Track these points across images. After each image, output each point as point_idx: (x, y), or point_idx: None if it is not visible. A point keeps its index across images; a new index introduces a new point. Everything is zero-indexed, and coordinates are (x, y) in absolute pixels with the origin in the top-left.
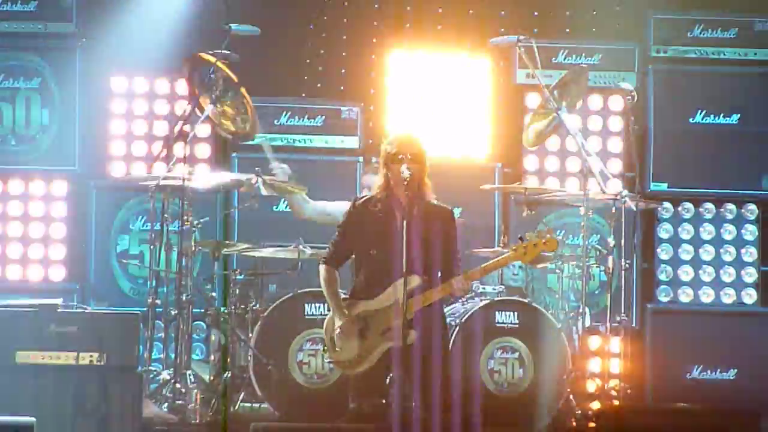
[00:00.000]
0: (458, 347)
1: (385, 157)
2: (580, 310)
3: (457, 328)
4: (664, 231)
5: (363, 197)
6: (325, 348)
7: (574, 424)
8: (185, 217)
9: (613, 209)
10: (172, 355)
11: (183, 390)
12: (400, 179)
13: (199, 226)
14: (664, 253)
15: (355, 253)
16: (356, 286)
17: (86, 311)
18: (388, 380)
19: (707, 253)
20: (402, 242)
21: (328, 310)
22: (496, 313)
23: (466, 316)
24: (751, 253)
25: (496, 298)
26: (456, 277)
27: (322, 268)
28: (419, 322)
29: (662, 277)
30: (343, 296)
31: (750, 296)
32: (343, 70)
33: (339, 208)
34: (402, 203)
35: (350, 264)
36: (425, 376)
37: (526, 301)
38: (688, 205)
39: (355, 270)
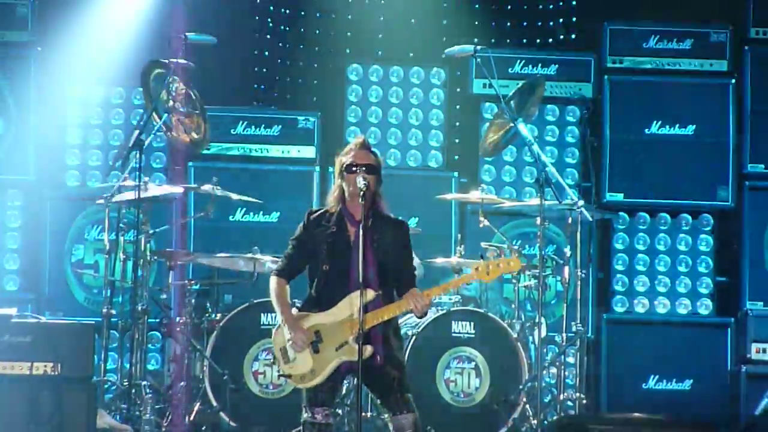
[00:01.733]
0: (414, 357)
1: (341, 169)
2: (536, 320)
3: (414, 337)
4: (620, 241)
5: (317, 210)
6: (275, 361)
7: None
8: (141, 227)
9: (569, 219)
10: (127, 365)
11: (138, 400)
12: (356, 190)
13: (155, 235)
14: (619, 263)
15: (308, 265)
16: (309, 298)
17: (41, 321)
18: (343, 389)
19: (663, 263)
20: (356, 255)
21: None
22: (453, 322)
23: (423, 326)
24: (706, 264)
25: (453, 308)
26: (414, 295)
27: (273, 279)
28: (375, 337)
29: (618, 287)
30: (295, 308)
31: (705, 307)
32: (300, 80)
33: None
34: (356, 216)
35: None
36: (381, 379)
37: (482, 311)
38: (644, 216)
39: (309, 283)
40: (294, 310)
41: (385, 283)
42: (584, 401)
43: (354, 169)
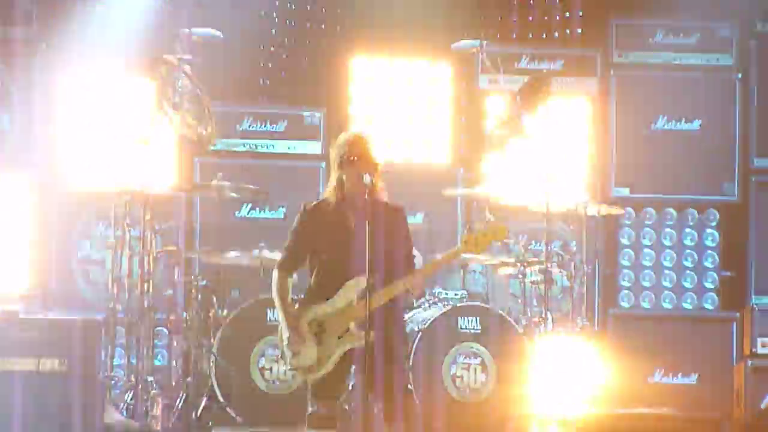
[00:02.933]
0: (421, 353)
1: (340, 162)
2: (543, 316)
3: (420, 333)
4: (626, 236)
5: (313, 202)
6: (283, 354)
7: (536, 429)
8: (147, 222)
9: (576, 215)
10: (134, 361)
11: (145, 396)
12: (359, 186)
13: (161, 231)
14: (625, 258)
15: (309, 257)
16: (309, 289)
17: (47, 317)
18: (347, 383)
19: (669, 258)
20: (355, 244)
21: None
22: (459, 318)
23: (429, 322)
24: (712, 259)
25: (459, 304)
26: (407, 275)
27: (275, 273)
28: (374, 322)
29: (624, 282)
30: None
31: (711, 301)
32: (305, 75)
33: None
34: (356, 205)
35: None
36: (382, 377)
37: (488, 306)
38: (650, 211)
39: (309, 273)
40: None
41: (384, 269)
42: (590, 396)
43: (359, 165)
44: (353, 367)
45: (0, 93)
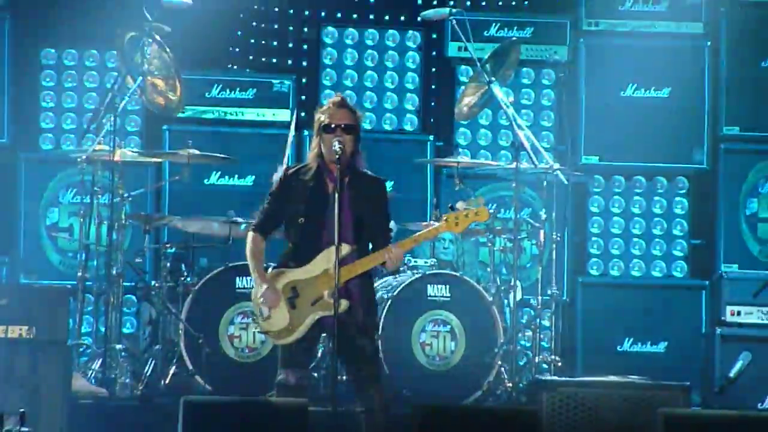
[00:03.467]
0: (390, 320)
1: (318, 127)
2: (512, 284)
3: (389, 301)
4: (595, 204)
5: (295, 165)
6: (255, 317)
7: (505, 397)
8: (116, 190)
9: (545, 183)
10: (102, 329)
11: (113, 364)
12: (331, 153)
13: (130, 199)
14: (595, 226)
15: (284, 221)
16: (285, 254)
17: (16, 284)
18: (319, 352)
19: (638, 226)
20: (332, 211)
21: None
22: (428, 286)
23: (398, 289)
24: (681, 227)
25: (428, 272)
26: (387, 248)
27: (249, 235)
28: (349, 292)
29: (593, 250)
30: (272, 266)
31: (680, 269)
32: (275, 43)
33: None
34: (334, 171)
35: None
36: (353, 346)
37: (458, 274)
38: (619, 179)
39: (285, 236)
40: (270, 269)
41: (360, 239)
42: (559, 364)
43: (332, 127)
44: (323, 335)
45: None
